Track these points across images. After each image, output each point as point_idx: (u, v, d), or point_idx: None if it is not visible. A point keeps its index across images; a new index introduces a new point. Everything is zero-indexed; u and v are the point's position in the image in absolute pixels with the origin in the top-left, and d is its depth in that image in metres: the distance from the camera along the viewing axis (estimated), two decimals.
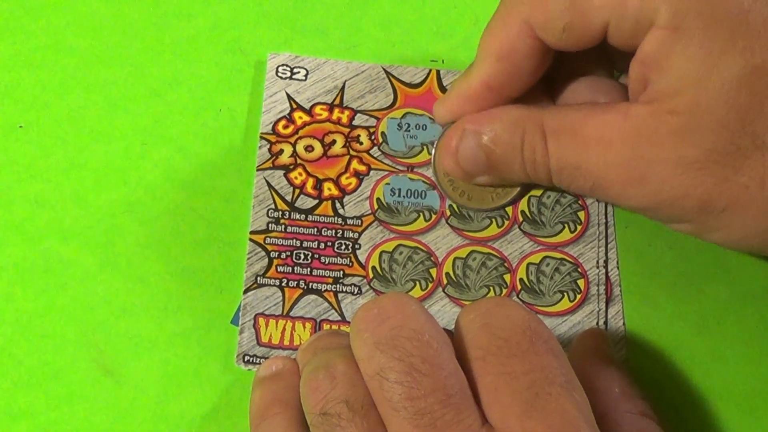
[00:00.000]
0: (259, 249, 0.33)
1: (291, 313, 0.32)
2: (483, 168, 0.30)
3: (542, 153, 0.29)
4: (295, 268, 0.32)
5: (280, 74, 0.35)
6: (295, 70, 0.35)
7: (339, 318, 0.32)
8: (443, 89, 0.35)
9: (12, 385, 0.31)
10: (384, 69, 0.35)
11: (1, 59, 0.36)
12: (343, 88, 0.35)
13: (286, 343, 0.32)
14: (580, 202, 0.33)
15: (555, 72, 0.31)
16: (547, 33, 0.28)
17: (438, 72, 0.35)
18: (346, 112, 0.35)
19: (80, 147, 0.34)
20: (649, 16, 0.26)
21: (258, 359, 0.31)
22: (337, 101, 0.35)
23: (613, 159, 0.27)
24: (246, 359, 0.31)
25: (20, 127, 0.35)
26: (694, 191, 0.27)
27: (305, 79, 0.35)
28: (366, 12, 0.37)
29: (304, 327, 0.32)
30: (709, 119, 0.26)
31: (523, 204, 0.33)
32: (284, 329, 0.32)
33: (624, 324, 0.32)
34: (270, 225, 0.33)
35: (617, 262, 0.33)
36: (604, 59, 0.31)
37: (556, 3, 0.28)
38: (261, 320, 0.32)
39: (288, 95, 0.35)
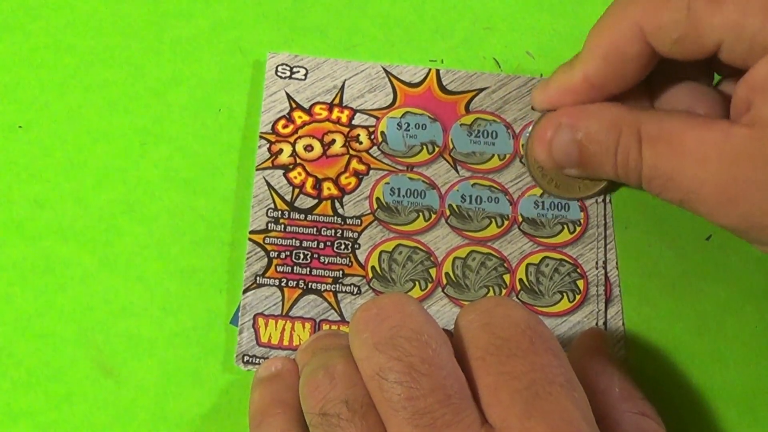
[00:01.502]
0: (259, 249, 0.33)
1: (290, 313, 0.32)
2: (574, 162, 0.30)
3: (636, 158, 0.29)
4: (295, 267, 0.32)
5: (279, 74, 0.35)
6: (294, 70, 0.35)
7: (338, 318, 0.32)
8: (443, 88, 0.35)
9: (12, 385, 0.31)
10: (383, 68, 0.35)
11: (1, 59, 0.36)
12: (342, 87, 0.35)
13: (286, 343, 0.32)
14: (579, 203, 0.33)
15: (656, 73, 0.31)
16: (657, 41, 0.28)
17: (438, 71, 0.35)
18: (346, 112, 0.35)
19: (80, 147, 0.34)
20: (764, 42, 0.26)
21: (257, 359, 0.31)
22: (337, 101, 0.35)
23: (708, 176, 0.27)
24: (245, 359, 0.31)
25: (20, 127, 0.35)
26: None
27: (305, 79, 0.35)
28: (365, 12, 0.37)
29: (304, 327, 0.32)
30: None
31: (522, 206, 0.33)
32: (284, 329, 0.32)
33: (623, 324, 0.32)
34: (269, 225, 0.33)
35: (617, 263, 0.33)
36: (707, 68, 0.31)
37: (672, 13, 0.27)
38: (260, 320, 0.32)
39: (287, 95, 0.35)
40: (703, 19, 0.27)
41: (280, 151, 0.34)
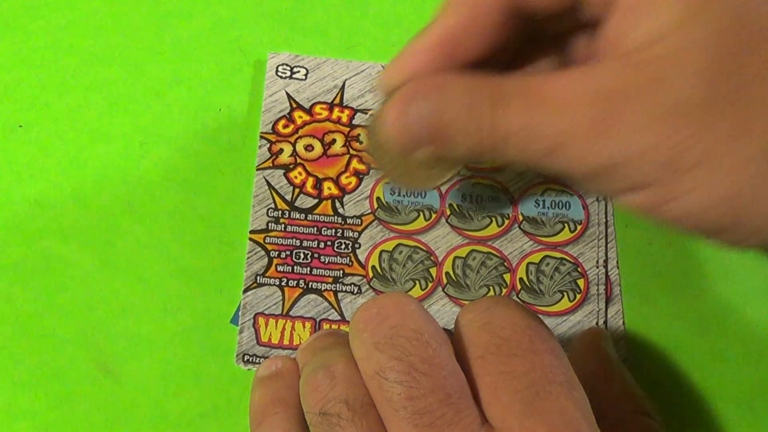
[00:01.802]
0: (259, 248, 0.33)
1: (291, 313, 0.32)
2: (427, 138, 0.27)
3: (489, 119, 0.26)
4: (295, 267, 0.32)
5: (280, 73, 0.35)
6: (295, 70, 0.35)
7: (339, 317, 0.32)
8: None
9: (12, 385, 0.31)
10: (384, 68, 0.35)
11: (1, 59, 0.36)
12: (343, 87, 0.35)
13: (286, 342, 0.32)
14: (581, 201, 0.33)
15: (519, 54, 0.29)
16: None
17: None
18: (346, 111, 0.35)
19: (80, 147, 0.34)
20: None
21: (258, 359, 0.31)
22: (337, 100, 0.35)
23: (574, 118, 0.24)
24: (246, 359, 0.31)
25: (20, 127, 0.35)
26: (665, 142, 0.24)
27: (305, 79, 0.35)
28: (366, 12, 0.37)
29: (304, 326, 0.32)
30: (690, 65, 0.24)
31: (523, 206, 0.33)
32: (284, 329, 0.32)
33: (624, 324, 0.32)
34: (270, 224, 0.33)
35: (617, 262, 0.33)
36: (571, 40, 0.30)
37: None
38: (261, 320, 0.32)
39: (288, 94, 0.35)
40: None
41: (281, 150, 0.34)
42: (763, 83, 0.24)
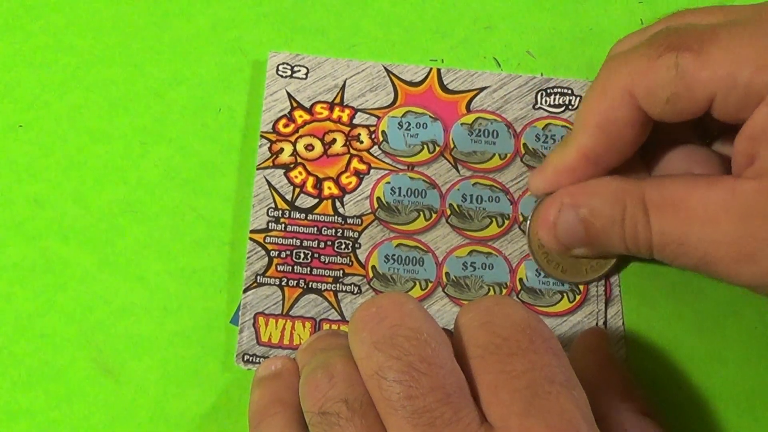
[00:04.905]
0: (259, 248, 0.33)
1: (291, 313, 0.32)
2: (581, 241, 0.30)
3: (644, 227, 0.28)
4: (295, 267, 0.32)
5: (280, 73, 0.35)
6: (295, 69, 0.35)
7: (339, 317, 0.32)
8: (444, 88, 0.35)
9: (12, 385, 0.31)
10: (384, 67, 0.35)
11: (1, 59, 0.36)
12: (343, 86, 0.35)
13: (286, 342, 0.32)
14: None
15: (651, 142, 0.30)
16: (649, 104, 0.28)
17: (439, 70, 0.35)
18: (347, 111, 0.35)
19: (80, 147, 0.34)
20: (759, 91, 0.26)
21: (258, 358, 0.31)
22: (338, 100, 0.35)
23: (721, 236, 0.26)
24: (245, 358, 0.31)
25: (20, 126, 0.35)
26: None
27: (306, 78, 0.35)
28: (366, 11, 0.37)
29: (304, 326, 0.32)
30: None
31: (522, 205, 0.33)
32: (284, 328, 0.32)
33: (623, 324, 0.32)
34: (270, 224, 0.33)
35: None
36: (699, 128, 0.31)
37: (660, 74, 0.27)
38: (261, 319, 0.32)
39: (288, 94, 0.35)
40: (692, 74, 0.26)
41: (281, 150, 0.34)
42: None
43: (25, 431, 0.31)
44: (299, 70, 0.35)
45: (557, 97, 0.35)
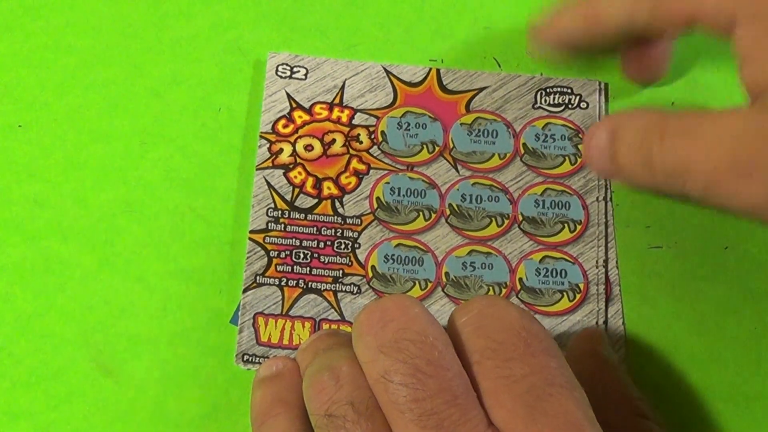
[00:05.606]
0: (259, 248, 0.33)
1: (290, 313, 0.32)
2: (608, 164, 0.30)
3: (658, 152, 0.28)
4: (295, 267, 0.32)
5: (279, 73, 0.35)
6: (294, 69, 0.35)
7: (338, 317, 0.32)
8: (444, 88, 0.35)
9: (12, 385, 0.31)
10: (384, 68, 0.35)
11: (1, 59, 0.36)
12: (342, 87, 0.35)
13: (286, 342, 0.32)
14: (580, 202, 0.33)
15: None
16: None
17: (438, 71, 0.35)
18: (346, 111, 0.35)
19: (80, 147, 0.34)
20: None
21: (257, 359, 0.31)
22: (337, 100, 0.35)
23: (724, 156, 0.27)
24: (245, 358, 0.31)
25: (20, 126, 0.35)
26: None
27: (305, 78, 0.35)
28: (365, 11, 0.37)
29: (304, 326, 0.32)
30: None
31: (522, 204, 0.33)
32: (283, 328, 0.32)
33: (623, 324, 0.32)
34: (269, 224, 0.33)
35: (617, 262, 0.33)
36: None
37: None
38: (260, 319, 0.32)
39: (288, 94, 0.35)
40: None
41: (281, 150, 0.34)
42: None
43: (25, 431, 0.31)
44: (298, 71, 0.35)
45: (557, 96, 0.35)
